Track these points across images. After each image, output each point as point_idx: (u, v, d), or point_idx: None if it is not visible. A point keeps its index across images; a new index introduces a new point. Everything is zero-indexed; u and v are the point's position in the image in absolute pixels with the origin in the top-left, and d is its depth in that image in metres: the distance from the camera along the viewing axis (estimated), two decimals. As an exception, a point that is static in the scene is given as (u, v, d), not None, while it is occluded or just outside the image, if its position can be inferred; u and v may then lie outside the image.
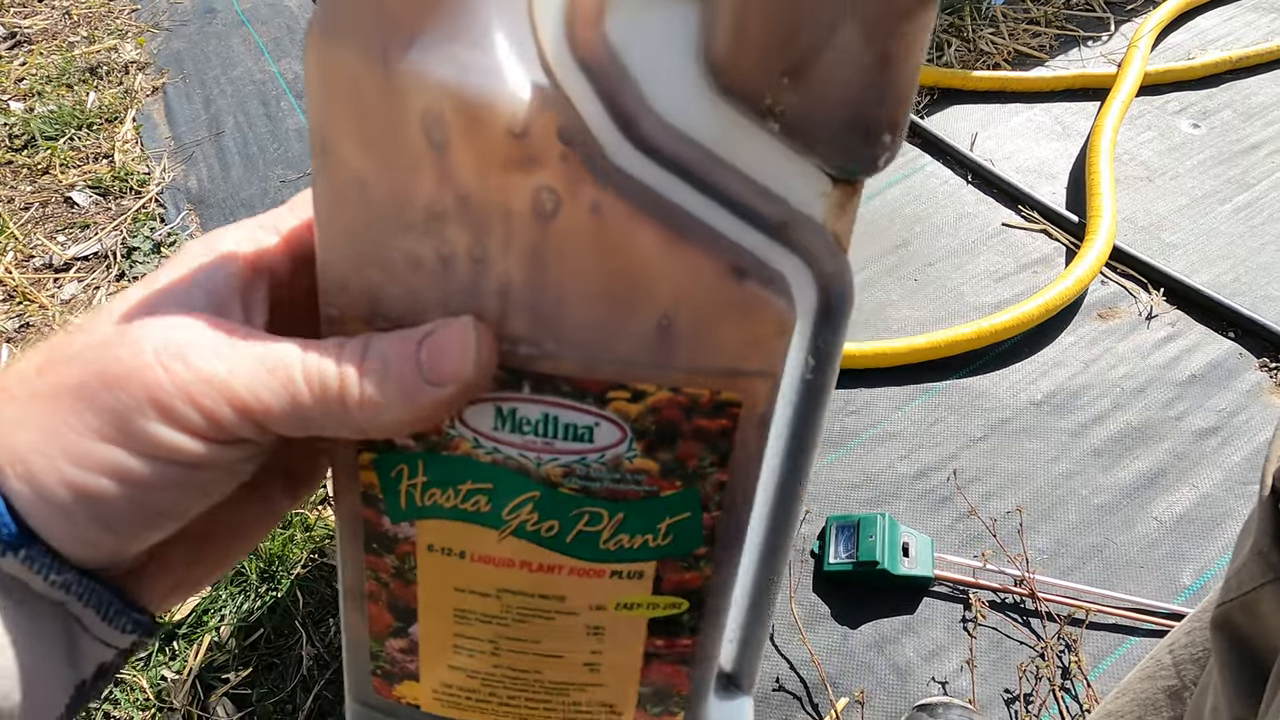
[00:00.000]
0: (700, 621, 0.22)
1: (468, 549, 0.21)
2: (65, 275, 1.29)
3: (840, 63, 0.15)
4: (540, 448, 0.19)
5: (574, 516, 0.20)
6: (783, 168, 0.17)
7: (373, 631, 0.23)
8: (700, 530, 0.20)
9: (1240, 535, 0.37)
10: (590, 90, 0.16)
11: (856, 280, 1.01)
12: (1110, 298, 1.08)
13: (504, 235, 0.17)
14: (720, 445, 0.19)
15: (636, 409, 0.19)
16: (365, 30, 0.16)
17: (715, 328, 0.17)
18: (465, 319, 0.18)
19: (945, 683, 0.77)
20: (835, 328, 0.18)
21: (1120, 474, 0.91)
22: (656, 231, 0.17)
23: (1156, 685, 0.47)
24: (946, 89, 1.38)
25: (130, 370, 0.15)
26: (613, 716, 0.24)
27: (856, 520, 0.85)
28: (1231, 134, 1.28)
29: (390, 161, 0.17)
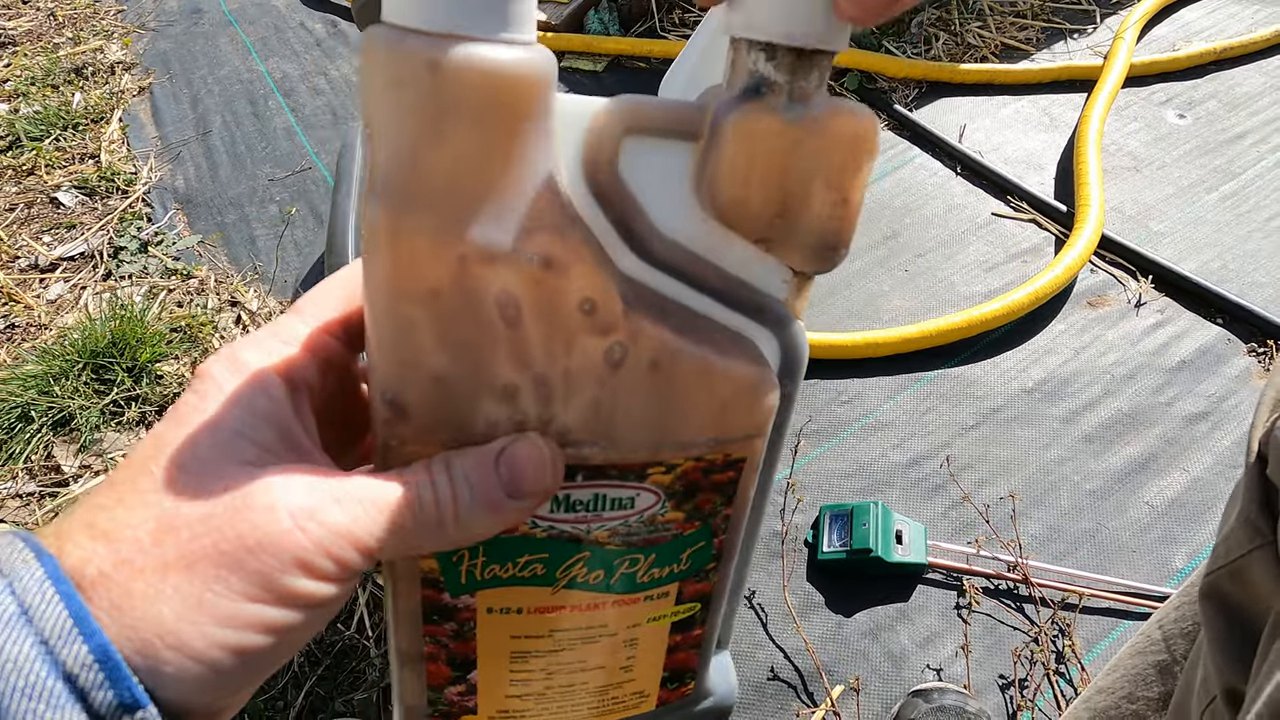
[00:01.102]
0: (707, 614, 0.27)
1: (524, 605, 0.24)
2: (51, 275, 1.28)
3: (814, 208, 0.20)
4: (590, 519, 0.22)
5: (616, 564, 0.24)
6: (758, 265, 0.21)
7: (430, 684, 0.25)
8: (711, 552, 0.25)
9: (1227, 505, 0.37)
10: (602, 215, 0.19)
11: (849, 271, 1.01)
12: (1099, 286, 1.09)
13: (573, 387, 0.20)
14: (729, 490, 0.23)
15: (669, 478, 0.22)
16: (440, 209, 0.18)
17: (733, 410, 0.21)
18: (534, 436, 0.20)
19: (940, 669, 0.77)
20: (793, 377, 0.23)
21: (1111, 460, 0.91)
22: (690, 346, 0.20)
23: (1147, 660, 0.47)
24: (935, 82, 1.38)
25: (271, 536, 0.17)
26: (642, 700, 0.29)
27: (850, 509, 0.85)
28: (1217, 124, 1.29)
29: (467, 341, 0.19)
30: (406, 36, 0.16)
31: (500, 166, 0.17)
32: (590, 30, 1.58)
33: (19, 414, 1.04)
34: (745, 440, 0.22)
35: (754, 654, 0.78)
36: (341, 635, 0.82)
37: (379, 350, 0.19)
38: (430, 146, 0.17)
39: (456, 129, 0.17)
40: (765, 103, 0.18)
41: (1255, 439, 0.33)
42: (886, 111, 1.34)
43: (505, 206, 0.18)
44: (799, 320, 0.22)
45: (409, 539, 0.19)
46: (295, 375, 0.20)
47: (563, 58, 1.55)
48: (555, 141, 0.18)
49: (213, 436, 0.18)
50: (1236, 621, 0.35)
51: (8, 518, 0.97)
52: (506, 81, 0.17)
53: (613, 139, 0.19)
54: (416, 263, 0.18)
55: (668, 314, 0.20)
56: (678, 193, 0.20)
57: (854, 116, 0.19)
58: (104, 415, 1.05)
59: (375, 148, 0.17)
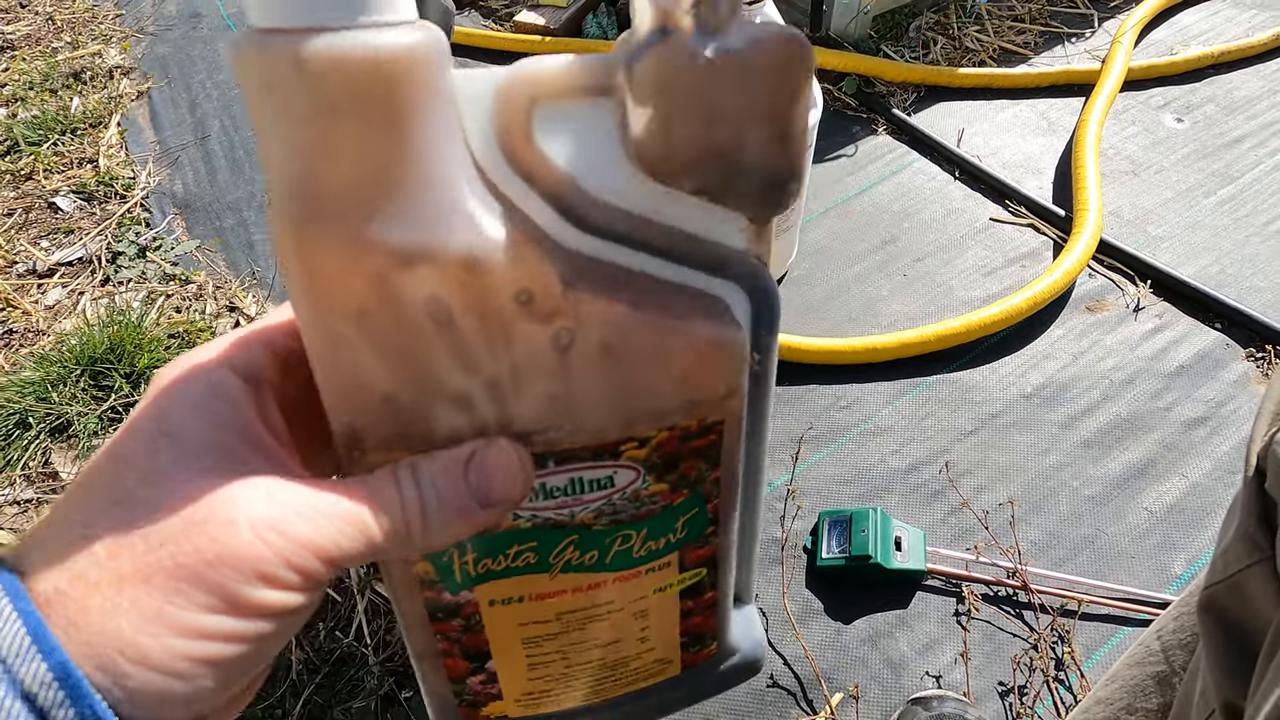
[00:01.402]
0: (716, 576, 0.27)
1: (525, 593, 0.24)
2: (49, 281, 1.28)
3: (750, 148, 0.18)
4: (571, 503, 0.22)
5: (609, 543, 0.23)
6: (709, 217, 0.20)
7: (451, 677, 0.26)
8: (707, 517, 0.24)
9: (1226, 518, 0.37)
10: (533, 192, 0.18)
11: (847, 276, 1.01)
12: (1098, 290, 1.09)
13: (524, 380, 0.19)
14: (712, 454, 0.23)
15: (645, 452, 0.22)
16: (343, 217, 0.16)
17: (699, 374, 0.20)
18: (503, 443, 0.19)
19: (939, 676, 0.77)
20: (769, 328, 0.22)
21: (1110, 465, 0.91)
22: (642, 317, 0.19)
23: (1145, 671, 0.47)
24: (933, 86, 1.38)
25: (230, 549, 0.16)
26: (666, 666, 0.29)
27: (848, 515, 0.85)
28: (1215, 128, 1.29)
29: (406, 353, 0.18)
30: (269, 37, 0.15)
31: (398, 160, 0.16)
32: (588, 34, 1.58)
33: (16, 420, 1.04)
34: (720, 402, 0.21)
35: (753, 661, 0.78)
36: (340, 643, 0.82)
37: (322, 375, 0.19)
38: (317, 151, 0.16)
39: (339, 128, 0.16)
40: (673, 42, 0.17)
41: (1254, 452, 0.33)
42: (885, 116, 1.35)
43: (415, 203, 0.16)
44: (765, 266, 0.21)
45: (375, 548, 0.18)
46: (256, 374, 0.19)
47: (561, 62, 1.55)
48: (458, 123, 0.17)
49: (168, 446, 0.17)
50: (1235, 636, 0.35)
51: (5, 524, 0.97)
52: (382, 69, 0.15)
53: (522, 110, 0.17)
54: (333, 278, 0.17)
55: (617, 286, 0.19)
56: (607, 154, 0.18)
57: (778, 40, 0.17)
58: (102, 422, 1.05)
59: (266, 158, 0.16)
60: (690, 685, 0.30)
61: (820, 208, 1.22)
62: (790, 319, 1.08)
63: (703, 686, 0.30)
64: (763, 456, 0.25)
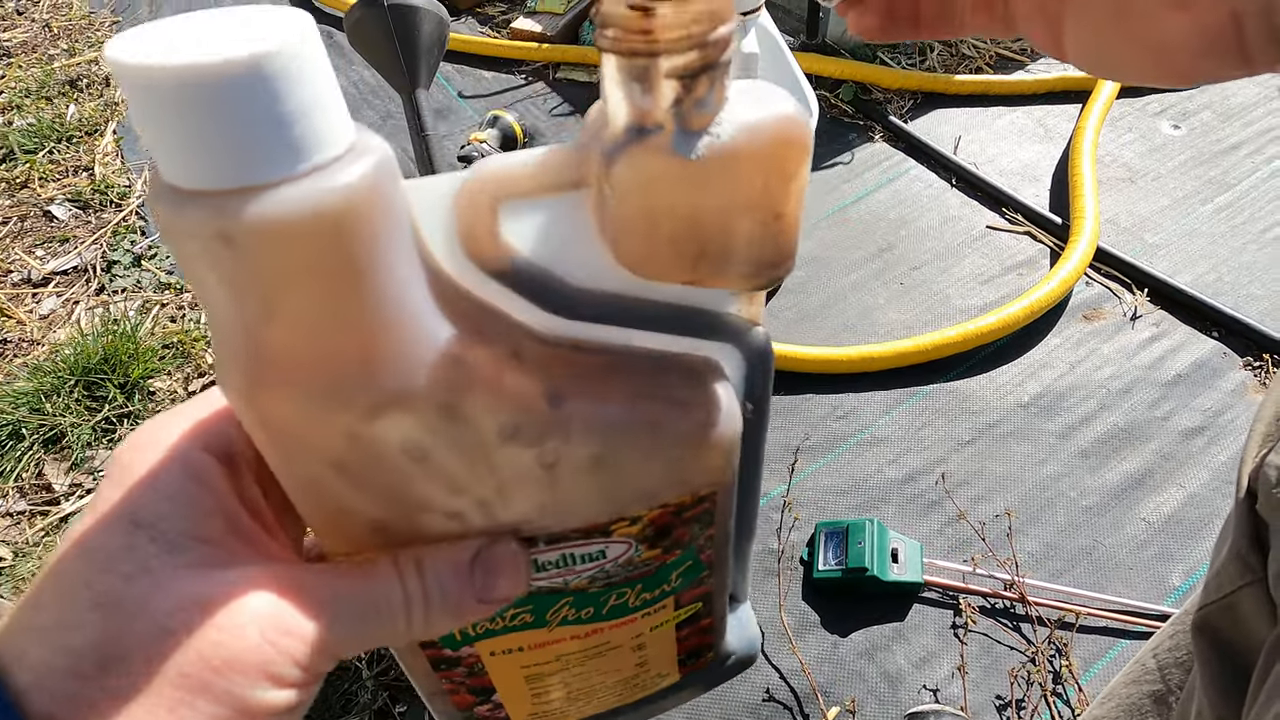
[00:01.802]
0: (712, 606, 0.27)
1: (524, 644, 0.24)
2: (44, 290, 1.28)
3: (740, 239, 0.17)
4: (564, 574, 0.22)
5: (604, 600, 0.24)
6: (698, 292, 0.19)
7: (459, 707, 0.26)
8: (701, 566, 0.25)
9: (1219, 538, 0.37)
10: (508, 290, 0.17)
11: (843, 284, 1.00)
12: (1095, 299, 1.08)
13: (511, 491, 0.19)
14: (705, 519, 0.22)
15: (637, 529, 0.21)
16: (303, 383, 0.15)
17: (691, 459, 0.20)
18: (511, 545, 0.19)
19: (937, 690, 0.76)
20: (763, 379, 0.21)
21: (1108, 475, 0.90)
22: (633, 417, 0.18)
23: (1142, 690, 0.46)
24: (930, 93, 1.38)
25: (239, 653, 0.16)
26: (664, 678, 0.29)
27: (845, 526, 0.84)
28: (1211, 135, 1.29)
29: (389, 489, 0.17)
30: (187, 202, 0.13)
31: (356, 312, 0.14)
32: (585, 41, 1.58)
33: (10, 431, 1.04)
34: (713, 476, 0.21)
35: (750, 675, 0.78)
36: (334, 657, 0.82)
37: (303, 510, 0.18)
38: (260, 320, 0.14)
39: (282, 297, 0.14)
40: (652, 143, 0.15)
41: (1244, 474, 0.33)
42: (881, 123, 1.34)
43: (379, 352, 0.15)
44: (758, 325, 0.20)
45: (372, 639, 0.18)
46: (230, 449, 0.18)
47: (558, 69, 1.55)
48: (414, 242, 0.15)
49: (146, 540, 0.16)
50: (1228, 657, 0.35)
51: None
52: (327, 222, 0.13)
53: (485, 212, 0.16)
54: (297, 440, 0.16)
55: (605, 378, 0.18)
56: (583, 243, 0.17)
57: (772, 126, 0.15)
58: (96, 433, 1.05)
59: (205, 311, 0.15)
60: (690, 687, 0.31)
61: (817, 215, 1.22)
62: (787, 327, 1.07)
63: (700, 686, 0.31)
64: (758, 488, 0.25)
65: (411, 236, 0.15)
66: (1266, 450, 0.32)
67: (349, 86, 1.61)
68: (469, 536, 0.19)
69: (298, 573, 0.17)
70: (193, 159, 0.13)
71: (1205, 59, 0.22)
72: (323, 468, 0.17)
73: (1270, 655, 0.30)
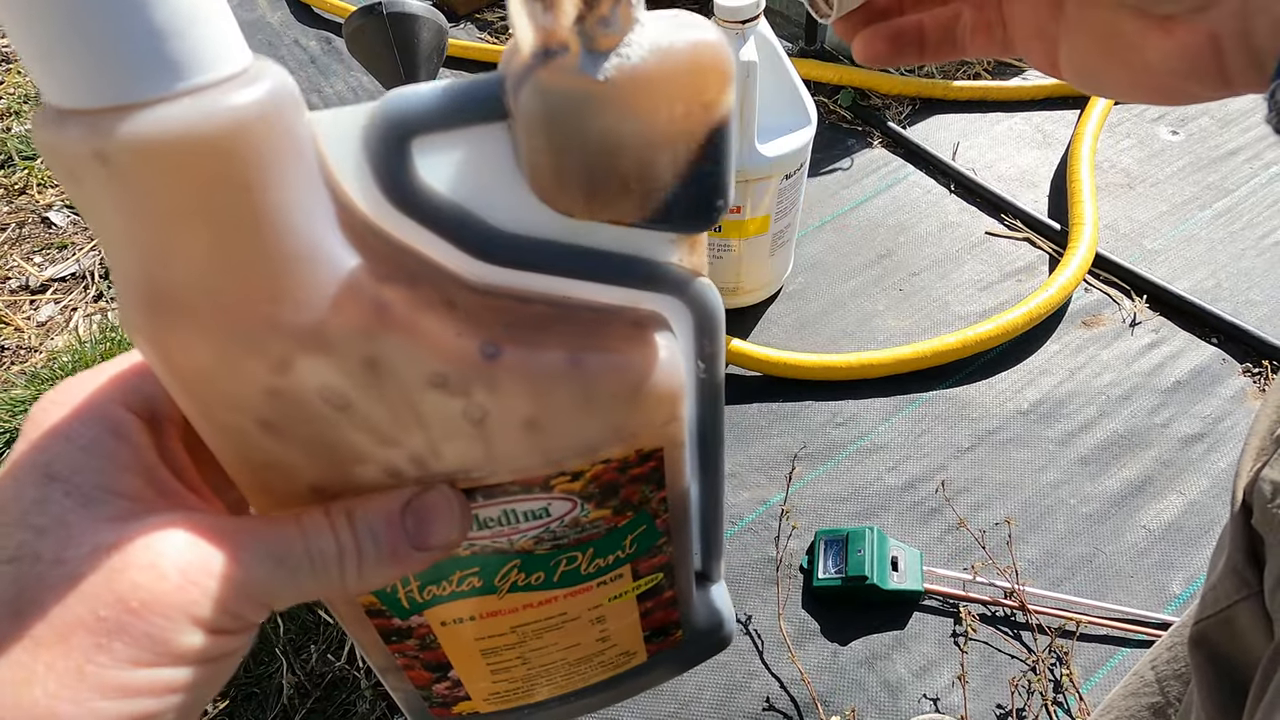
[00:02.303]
0: (675, 579, 0.26)
1: (475, 613, 0.24)
2: (42, 297, 1.28)
3: (663, 173, 0.16)
4: (508, 533, 0.21)
5: (554, 565, 0.23)
6: (631, 236, 0.18)
7: (416, 684, 0.26)
8: (657, 532, 0.24)
9: (1214, 552, 0.37)
10: (428, 232, 0.16)
11: (842, 291, 1.00)
12: (1094, 305, 1.08)
13: (442, 446, 0.18)
14: (654, 478, 0.22)
15: (579, 485, 0.21)
16: (203, 316, 0.14)
17: (632, 413, 0.19)
18: (444, 489, 0.19)
19: (937, 699, 0.76)
20: (713, 336, 0.21)
21: (1108, 482, 0.90)
22: (567, 366, 0.17)
23: (1140, 702, 0.46)
24: (928, 99, 1.38)
25: (158, 594, 0.15)
26: (631, 657, 0.29)
27: (845, 534, 0.84)
28: (1210, 140, 1.29)
29: (309, 438, 0.17)
30: (65, 121, 0.12)
31: (253, 245, 0.13)
32: (584, 47, 1.58)
33: (7, 439, 1.03)
34: (657, 431, 0.20)
35: (749, 683, 0.78)
36: (332, 666, 0.81)
37: (228, 464, 0.17)
38: (156, 255, 0.13)
39: (173, 227, 0.13)
40: (557, 66, 0.14)
41: (1240, 488, 0.33)
42: (880, 129, 1.35)
43: (286, 287, 0.14)
44: (701, 276, 0.19)
45: (308, 592, 0.18)
46: (155, 408, 0.18)
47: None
48: (322, 175, 0.14)
49: (61, 494, 0.16)
50: (1225, 671, 0.35)
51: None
52: (210, 145, 0.12)
53: (398, 149, 0.15)
54: (214, 389, 0.15)
55: (537, 327, 0.17)
56: (504, 182, 0.16)
57: (686, 46, 0.15)
58: (93, 440, 1.04)
59: (106, 257, 0.15)
60: (659, 668, 0.30)
61: (816, 221, 1.22)
62: (785, 334, 1.07)
63: (672, 668, 0.31)
64: (720, 458, 0.25)
65: (318, 171, 0.14)
66: (1261, 464, 0.32)
67: (348, 93, 1.61)
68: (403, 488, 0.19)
69: (220, 520, 0.17)
70: (65, 75, 0.12)
71: (1188, 80, 0.23)
72: (241, 417, 0.16)
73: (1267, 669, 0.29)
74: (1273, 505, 0.30)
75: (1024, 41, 0.27)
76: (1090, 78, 0.26)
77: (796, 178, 0.95)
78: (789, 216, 1.00)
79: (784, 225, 1.00)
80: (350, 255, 0.15)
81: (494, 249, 0.17)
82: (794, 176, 0.94)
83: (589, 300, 0.18)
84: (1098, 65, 0.25)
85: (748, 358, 0.99)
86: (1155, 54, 0.23)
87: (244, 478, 0.18)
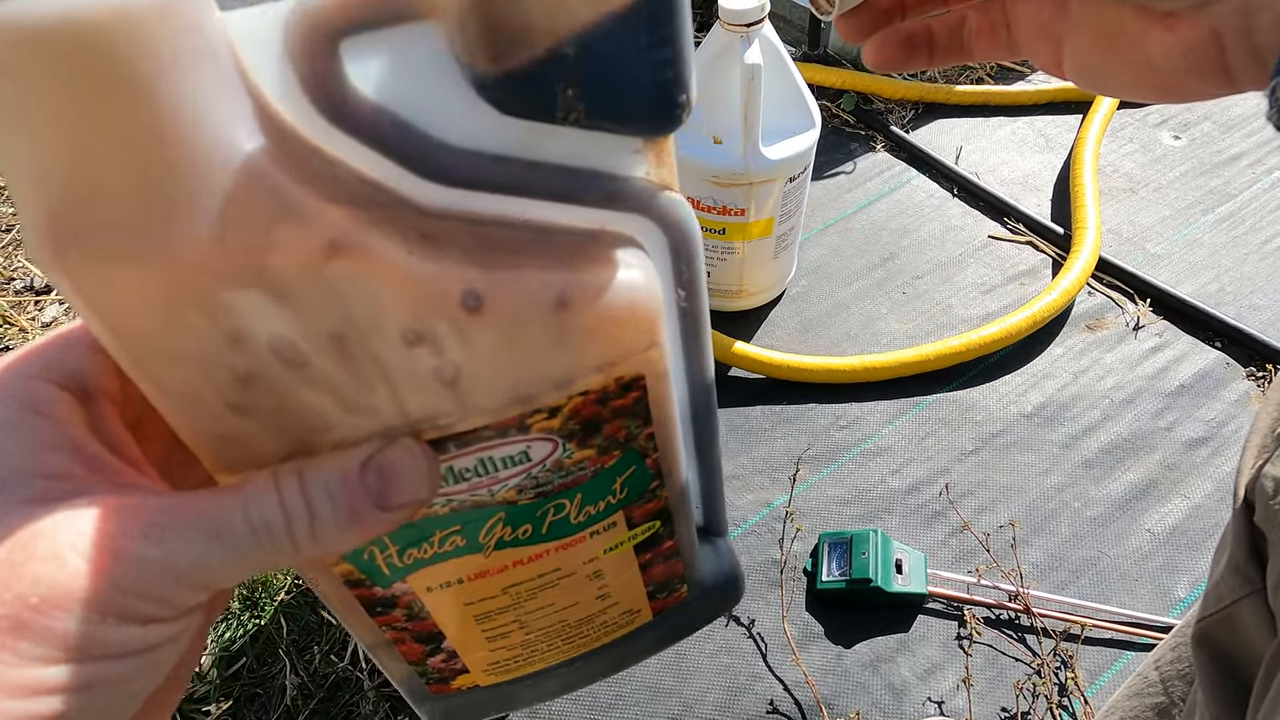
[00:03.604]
0: (673, 526, 0.25)
1: (462, 575, 0.22)
2: (46, 298, 1.28)
3: (613, 53, 0.14)
4: (487, 483, 0.20)
5: (541, 515, 0.22)
6: (593, 145, 0.16)
7: (409, 660, 0.25)
8: (648, 473, 0.23)
9: (1217, 550, 0.37)
10: (363, 147, 0.14)
11: (845, 294, 1.00)
12: (1097, 309, 1.09)
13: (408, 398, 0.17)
14: (639, 410, 0.21)
15: (557, 422, 0.19)
16: (108, 236, 0.13)
17: (608, 338, 0.18)
18: (408, 442, 0.17)
19: (941, 702, 0.76)
20: (690, 260, 0.20)
21: (1112, 486, 0.90)
22: (538, 293, 0.16)
23: (1145, 703, 0.46)
24: (931, 103, 1.39)
25: (58, 585, 0.14)
26: (636, 616, 0.27)
27: (849, 537, 0.84)
28: (1212, 145, 1.30)
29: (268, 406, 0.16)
30: None
31: (153, 153, 0.12)
32: (588, 51, 1.59)
33: (11, 440, 1.04)
34: (637, 357, 0.19)
35: (753, 685, 0.77)
36: (335, 667, 0.81)
37: (176, 425, 0.16)
38: (50, 166, 0.12)
39: (53, 126, 0.12)
40: None
41: (1241, 485, 0.33)
42: (883, 133, 1.35)
43: (204, 204, 0.13)
44: (670, 191, 0.18)
45: (253, 564, 0.16)
46: (85, 382, 0.17)
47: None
48: (240, 86, 0.13)
49: None
50: (1229, 669, 0.35)
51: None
52: (85, 31, 0.11)
53: (325, 50, 0.14)
54: (139, 331, 0.14)
55: (509, 258, 0.16)
56: (446, 88, 0.15)
57: None
58: (97, 441, 1.04)
59: (6, 182, 0.13)
60: (667, 627, 0.29)
61: (819, 225, 1.22)
62: (789, 337, 1.07)
63: (681, 626, 0.29)
64: (711, 395, 0.24)
65: (237, 78, 0.13)
66: (1263, 462, 0.33)
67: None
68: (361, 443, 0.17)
69: (148, 497, 0.15)
70: None
71: (1191, 77, 0.23)
72: (184, 373, 0.15)
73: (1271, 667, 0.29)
74: (1275, 502, 0.30)
75: (1028, 42, 0.28)
76: (1094, 76, 0.26)
77: (800, 181, 0.95)
78: (793, 219, 1.00)
79: (788, 228, 1.00)
80: (281, 174, 0.13)
81: (442, 166, 0.15)
82: (798, 179, 0.94)
83: (555, 223, 0.17)
84: (1101, 63, 0.26)
85: (751, 360, 0.99)
86: (1158, 51, 0.23)
87: (203, 449, 0.16)
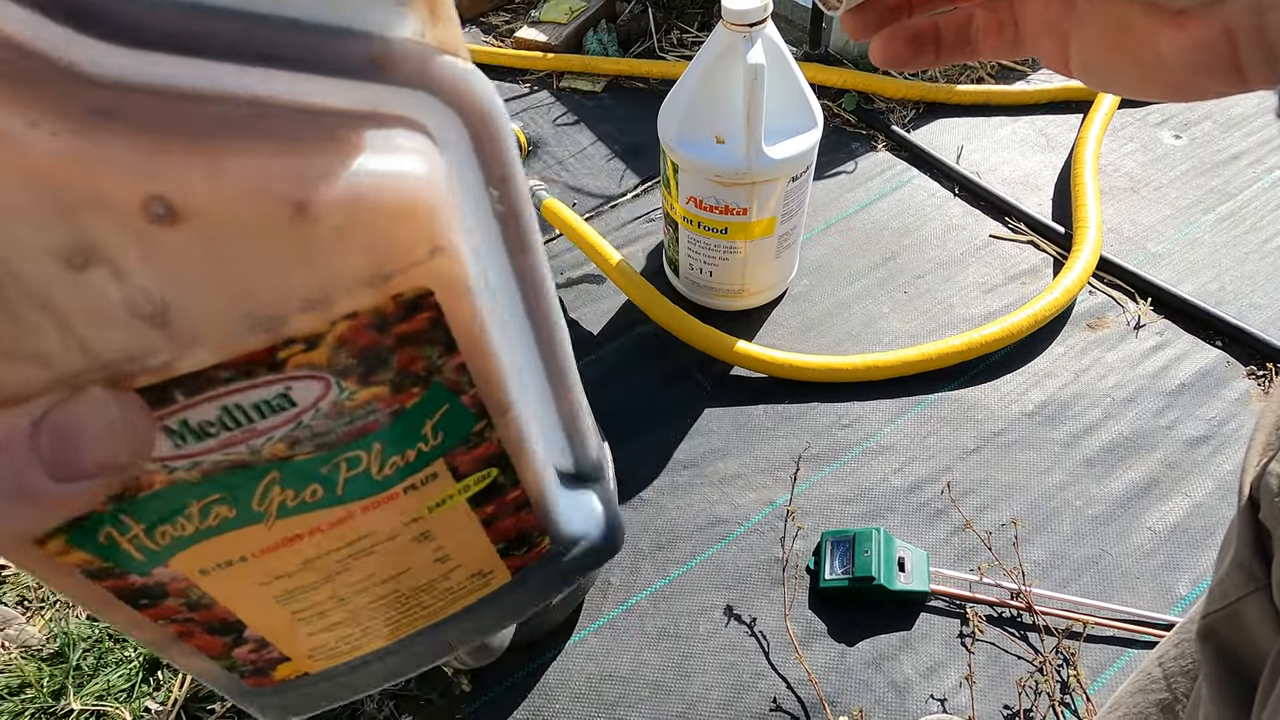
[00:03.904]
0: (517, 472, 0.21)
1: (244, 552, 0.18)
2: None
3: None
4: (242, 438, 0.16)
5: (328, 472, 0.18)
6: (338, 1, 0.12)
7: (211, 655, 0.21)
8: (467, 412, 0.19)
9: (1222, 547, 0.37)
10: (31, 13, 0.11)
11: (847, 293, 1.00)
12: (1098, 308, 1.09)
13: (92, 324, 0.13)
14: (437, 335, 0.17)
15: (321, 354, 0.15)
16: None
17: (354, 242, 0.14)
18: (95, 392, 0.13)
19: (944, 700, 0.76)
20: (495, 148, 0.15)
21: (1113, 484, 0.91)
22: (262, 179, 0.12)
23: (1148, 699, 0.46)
24: (932, 103, 1.39)
25: None
26: (489, 578, 0.23)
27: (851, 535, 0.84)
28: (1212, 144, 1.30)
29: None
30: None
31: None
32: (589, 51, 1.59)
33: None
34: (419, 267, 0.15)
35: (756, 684, 0.78)
36: (339, 666, 0.81)
37: None
38: None
39: None
40: None
41: (1246, 482, 0.33)
42: (884, 132, 1.35)
43: None
44: (451, 55, 0.14)
45: None
46: None
47: (562, 78, 1.56)
48: None
49: None
50: (1234, 666, 0.35)
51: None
52: None
53: None
54: None
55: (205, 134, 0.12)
56: None
57: None
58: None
59: None
60: (532, 586, 0.25)
61: (821, 224, 1.22)
62: (791, 336, 1.08)
63: (549, 583, 0.26)
64: (554, 315, 0.19)
65: None
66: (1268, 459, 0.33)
67: (354, 96, 1.62)
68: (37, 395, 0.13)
69: None
70: None
71: (1201, 75, 0.23)
72: None
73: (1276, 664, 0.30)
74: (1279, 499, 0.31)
75: (1035, 39, 0.28)
76: (1101, 74, 0.26)
77: (802, 180, 0.95)
78: (795, 219, 1.00)
79: (790, 227, 1.00)
80: None
81: (120, 20, 0.11)
82: (800, 179, 0.94)
83: (290, 100, 0.13)
84: (1109, 61, 0.25)
85: (754, 359, 1.00)
86: (1168, 48, 0.23)
87: None
